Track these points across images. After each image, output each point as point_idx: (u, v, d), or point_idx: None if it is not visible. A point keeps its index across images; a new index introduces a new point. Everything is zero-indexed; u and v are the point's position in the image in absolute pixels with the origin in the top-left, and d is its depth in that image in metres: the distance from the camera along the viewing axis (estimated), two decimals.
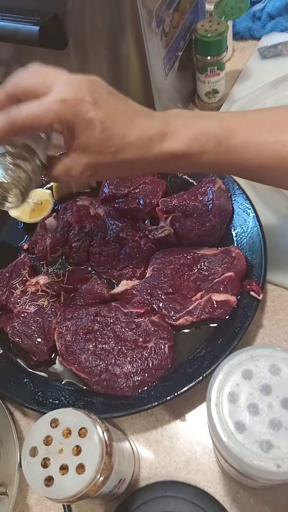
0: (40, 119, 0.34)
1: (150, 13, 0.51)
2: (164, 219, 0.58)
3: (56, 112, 0.34)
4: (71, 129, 0.36)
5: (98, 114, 0.35)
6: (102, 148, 0.36)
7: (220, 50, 0.62)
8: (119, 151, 0.37)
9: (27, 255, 0.59)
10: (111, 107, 0.36)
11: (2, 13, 0.54)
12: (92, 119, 0.35)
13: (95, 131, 0.35)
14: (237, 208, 0.57)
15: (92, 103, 0.35)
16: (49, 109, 0.34)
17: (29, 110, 0.35)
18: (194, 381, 0.44)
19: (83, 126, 0.35)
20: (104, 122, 0.35)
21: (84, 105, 0.35)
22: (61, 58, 0.58)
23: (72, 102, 0.34)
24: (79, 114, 0.35)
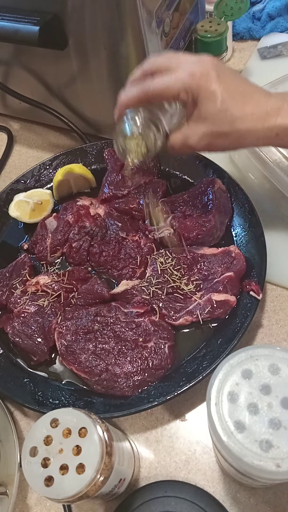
0: (170, 88, 0.41)
1: (150, 13, 0.51)
2: (164, 219, 0.58)
3: (184, 82, 0.40)
4: (195, 98, 0.41)
5: (220, 86, 0.40)
6: (220, 117, 0.41)
7: (220, 50, 0.62)
8: (235, 121, 0.41)
9: (27, 255, 0.59)
10: (231, 83, 0.41)
11: (2, 13, 0.54)
12: (215, 90, 0.40)
13: (216, 102, 0.40)
14: (237, 208, 0.57)
15: (216, 77, 0.40)
16: (178, 79, 0.40)
17: (162, 80, 0.41)
18: (194, 381, 0.45)
19: (206, 96, 0.40)
20: (224, 95, 0.40)
21: (209, 78, 0.40)
22: (61, 58, 0.58)
23: (199, 74, 0.40)
24: (204, 85, 0.40)
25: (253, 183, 0.60)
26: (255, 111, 0.41)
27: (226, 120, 0.41)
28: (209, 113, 0.41)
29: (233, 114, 0.41)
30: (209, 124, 0.41)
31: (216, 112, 0.41)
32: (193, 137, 0.43)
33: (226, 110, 0.40)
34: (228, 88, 0.40)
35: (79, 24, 0.53)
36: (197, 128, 0.42)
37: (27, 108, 0.69)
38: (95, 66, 0.58)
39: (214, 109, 0.40)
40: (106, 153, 0.64)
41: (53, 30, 0.53)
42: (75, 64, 0.59)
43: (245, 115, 0.41)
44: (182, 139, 0.43)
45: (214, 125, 0.41)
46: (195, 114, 0.42)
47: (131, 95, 0.43)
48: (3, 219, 0.63)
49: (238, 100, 0.41)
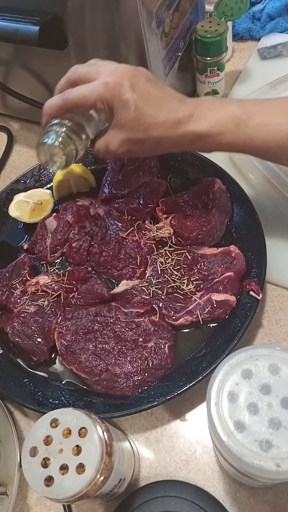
0: (87, 98, 0.42)
1: (150, 13, 0.51)
2: (164, 219, 0.58)
3: (99, 93, 0.42)
4: (110, 108, 0.42)
5: (133, 96, 0.41)
6: (135, 126, 0.42)
7: (220, 50, 0.62)
8: (149, 129, 0.42)
9: (27, 255, 0.59)
10: (146, 91, 0.42)
11: (2, 13, 0.54)
12: (128, 99, 0.41)
13: (130, 110, 0.42)
14: (237, 208, 0.57)
15: (129, 87, 0.41)
16: (94, 90, 0.42)
17: (79, 91, 0.43)
18: (194, 381, 0.45)
19: (120, 105, 0.42)
20: (137, 104, 0.41)
21: (122, 88, 0.41)
22: (61, 58, 0.58)
23: (113, 85, 0.41)
24: (117, 95, 0.41)
25: (253, 183, 0.60)
26: (167, 118, 0.42)
27: (140, 128, 0.42)
28: (124, 121, 0.42)
29: (146, 122, 0.42)
30: (126, 131, 0.43)
31: (130, 120, 0.42)
32: (113, 144, 0.44)
33: (139, 118, 0.42)
34: (141, 96, 0.42)
35: (79, 24, 0.53)
36: (116, 135, 0.44)
37: (27, 108, 0.69)
38: None
39: (128, 117, 0.42)
40: None
41: (53, 30, 0.53)
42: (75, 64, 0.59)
43: (158, 123, 0.42)
44: (104, 145, 0.45)
45: (130, 132, 0.43)
46: (113, 122, 0.43)
47: (53, 105, 0.44)
48: (3, 219, 0.63)
49: (151, 108, 0.42)
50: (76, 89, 0.43)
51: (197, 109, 0.42)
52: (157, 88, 0.43)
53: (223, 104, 0.43)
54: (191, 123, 0.42)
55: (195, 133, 0.42)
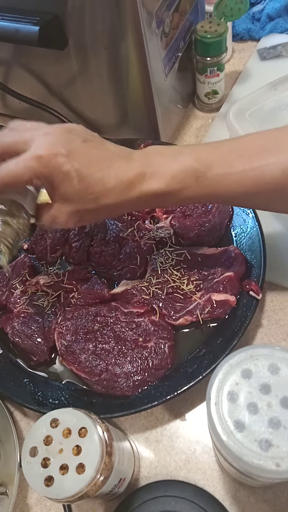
0: (19, 177, 0.36)
1: (150, 13, 0.51)
2: (164, 219, 0.58)
3: (33, 169, 0.35)
4: (50, 183, 0.37)
5: (73, 165, 0.36)
6: (82, 197, 0.37)
7: (220, 51, 0.62)
8: (99, 198, 0.37)
9: (27, 255, 0.59)
10: (86, 156, 0.37)
11: (2, 13, 0.54)
12: (68, 171, 0.36)
13: (73, 182, 0.36)
14: (237, 208, 0.57)
15: (66, 155, 0.36)
16: (26, 166, 0.35)
17: (8, 169, 0.36)
18: (193, 381, 0.45)
19: (61, 178, 0.36)
20: (80, 172, 0.36)
21: (59, 158, 0.35)
22: (61, 58, 0.58)
23: (47, 157, 0.35)
24: (54, 168, 0.36)
25: None
26: (118, 182, 0.37)
27: (89, 198, 0.37)
28: (69, 194, 0.37)
29: (95, 190, 0.37)
30: (72, 204, 0.38)
31: (75, 192, 0.37)
32: (60, 217, 0.39)
33: (86, 189, 0.37)
34: (83, 162, 0.36)
35: (79, 24, 0.53)
36: (62, 208, 0.38)
37: (27, 108, 0.69)
38: (95, 66, 0.58)
39: (72, 189, 0.37)
40: None
41: (53, 30, 0.53)
42: (75, 64, 0.59)
43: (108, 189, 0.37)
44: (51, 220, 0.40)
45: (78, 204, 0.38)
46: (56, 196, 0.38)
47: None
48: None
49: (97, 173, 0.37)
50: (5, 167, 0.36)
51: (148, 166, 0.38)
52: (97, 148, 0.38)
53: (174, 156, 0.39)
54: (145, 182, 0.38)
55: (151, 193, 0.38)
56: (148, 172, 0.38)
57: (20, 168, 0.36)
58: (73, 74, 0.61)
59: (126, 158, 0.38)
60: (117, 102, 0.62)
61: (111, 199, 0.38)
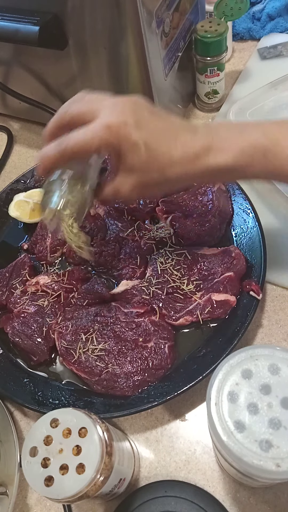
0: (88, 146, 0.36)
1: (150, 13, 0.51)
2: (164, 219, 0.58)
3: (102, 138, 0.36)
4: (117, 153, 0.37)
5: (141, 136, 0.36)
6: (148, 168, 0.37)
7: (220, 50, 0.62)
8: (165, 169, 0.37)
9: (27, 255, 0.59)
10: (153, 127, 0.37)
11: (2, 13, 0.54)
12: (136, 141, 0.36)
13: (140, 152, 0.36)
14: (237, 208, 0.57)
15: (135, 125, 0.36)
16: (95, 135, 0.36)
17: (77, 137, 0.36)
18: (194, 381, 0.45)
19: (128, 149, 0.36)
20: (148, 143, 0.36)
21: (128, 128, 0.36)
22: (61, 58, 0.58)
23: (116, 127, 0.35)
24: (123, 138, 0.36)
25: (253, 183, 0.60)
26: (183, 154, 0.37)
27: (154, 169, 0.37)
28: (135, 165, 0.37)
29: (161, 162, 0.37)
30: (137, 175, 0.38)
31: (142, 163, 0.37)
32: (124, 189, 0.39)
33: (152, 160, 0.37)
34: (150, 134, 0.36)
35: (79, 24, 0.53)
36: (126, 179, 0.39)
37: (27, 108, 0.69)
38: (95, 66, 0.58)
39: (139, 160, 0.37)
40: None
41: (53, 30, 0.53)
42: (75, 64, 0.59)
43: (173, 161, 0.37)
44: (113, 192, 0.40)
45: (143, 176, 0.38)
46: (121, 166, 0.38)
47: (49, 157, 0.38)
48: (3, 219, 0.63)
49: (163, 145, 0.37)
50: (74, 135, 0.37)
51: (214, 139, 0.37)
52: (164, 120, 0.38)
53: (241, 130, 0.38)
54: (211, 156, 0.37)
55: (217, 167, 0.37)
56: (215, 145, 0.37)
57: (89, 137, 0.36)
58: (73, 74, 0.61)
59: (192, 131, 0.38)
60: None
61: (176, 171, 0.37)
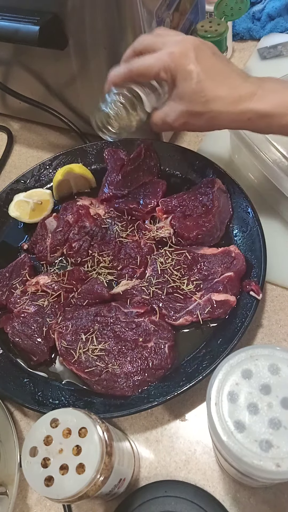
0: (151, 67, 0.43)
1: (150, 13, 0.51)
2: (164, 219, 0.58)
3: (164, 62, 0.42)
4: (173, 78, 0.43)
5: (197, 67, 0.41)
6: (194, 98, 0.42)
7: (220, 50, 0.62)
8: (208, 102, 0.42)
9: (27, 255, 0.59)
10: (209, 64, 0.42)
11: (2, 13, 0.54)
12: (191, 71, 0.41)
13: (192, 82, 0.42)
14: (237, 208, 0.57)
15: (194, 58, 0.42)
16: (159, 59, 0.42)
17: (144, 60, 0.44)
18: (194, 381, 0.45)
19: (183, 76, 0.42)
20: (200, 75, 0.41)
21: (187, 58, 0.42)
22: (61, 58, 0.58)
23: (178, 54, 0.42)
24: (181, 65, 0.42)
25: (253, 183, 0.60)
26: (228, 94, 0.42)
27: (200, 100, 0.42)
28: (185, 92, 0.42)
29: (207, 95, 0.42)
30: (185, 103, 0.43)
31: (191, 92, 0.42)
32: (171, 115, 0.45)
33: (200, 91, 0.42)
34: (205, 69, 0.42)
35: (79, 24, 0.53)
36: (175, 106, 0.44)
37: (27, 108, 0.69)
38: (95, 66, 0.58)
39: (189, 89, 0.42)
40: (106, 153, 0.64)
41: (53, 30, 0.53)
42: (75, 64, 0.59)
43: (218, 97, 0.42)
44: (162, 117, 0.45)
45: (189, 104, 0.43)
46: (174, 93, 0.44)
47: (117, 73, 0.45)
48: (3, 219, 0.63)
49: (213, 81, 0.42)
50: (142, 58, 0.44)
51: (260, 88, 0.42)
52: (222, 62, 0.44)
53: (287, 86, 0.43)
54: (253, 101, 0.42)
55: (256, 112, 0.42)
56: (259, 93, 0.42)
57: (153, 60, 0.43)
58: (73, 74, 0.61)
59: (243, 78, 0.43)
60: None
61: (218, 106, 0.42)
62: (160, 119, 0.46)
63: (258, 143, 0.54)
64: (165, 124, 0.46)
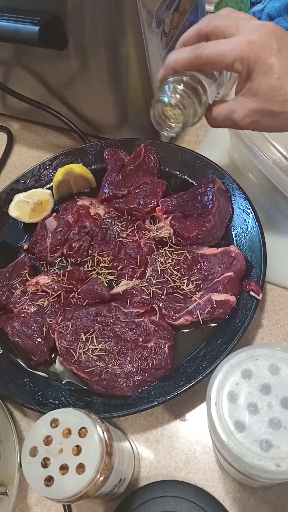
0: (225, 56, 0.37)
1: (150, 13, 0.51)
2: (164, 219, 0.58)
3: (241, 51, 0.36)
4: (250, 70, 0.37)
5: (279, 61, 0.36)
6: (273, 95, 0.37)
7: None
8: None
9: (27, 255, 0.59)
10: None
11: (2, 13, 0.54)
12: (273, 64, 0.36)
13: (272, 77, 0.36)
14: (237, 208, 0.57)
15: (277, 49, 0.36)
16: (235, 47, 0.37)
17: (217, 46, 0.37)
18: (194, 381, 0.45)
19: (262, 69, 0.36)
20: (283, 70, 0.36)
21: (269, 49, 0.36)
22: (61, 58, 0.58)
23: (259, 44, 0.36)
24: (262, 57, 0.36)
25: (253, 183, 0.60)
26: None
27: (279, 98, 0.37)
28: (262, 88, 0.37)
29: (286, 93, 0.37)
30: (259, 100, 0.38)
31: (270, 88, 0.37)
32: (239, 112, 0.39)
33: (281, 88, 0.37)
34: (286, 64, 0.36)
35: (79, 24, 0.53)
36: (246, 103, 0.39)
37: (27, 108, 0.69)
38: (95, 66, 0.58)
39: (268, 84, 0.37)
40: (106, 153, 0.64)
41: (53, 30, 0.53)
42: (75, 64, 0.59)
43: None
44: (226, 113, 0.40)
45: (265, 102, 0.38)
46: (246, 88, 0.38)
47: (180, 58, 0.39)
48: (3, 219, 0.63)
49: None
50: (214, 43, 0.38)
51: None
52: None
53: None
54: None
55: None
56: None
57: (229, 48, 0.37)
58: (73, 74, 0.61)
59: None
60: (117, 102, 0.62)
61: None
62: (224, 115, 0.40)
63: (258, 143, 0.54)
64: (229, 120, 0.40)
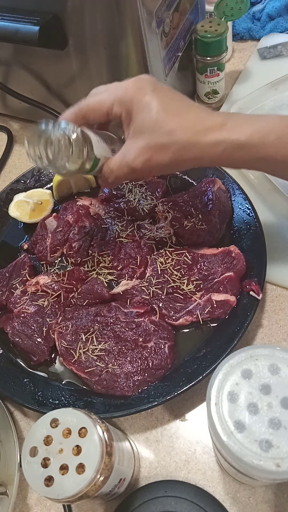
0: (103, 102, 0.39)
1: (150, 13, 0.51)
2: (164, 219, 0.58)
3: (118, 96, 0.39)
4: (129, 111, 0.39)
5: (154, 98, 0.38)
6: (157, 128, 0.38)
7: (220, 50, 0.62)
8: (173, 131, 0.37)
9: (27, 255, 0.59)
10: (170, 96, 0.39)
11: (2, 13, 0.54)
12: (149, 101, 0.38)
13: (151, 112, 0.38)
14: (237, 208, 0.57)
15: (151, 90, 0.38)
16: (112, 94, 0.39)
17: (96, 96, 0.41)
18: (194, 381, 0.45)
19: (140, 107, 0.38)
20: (160, 105, 0.38)
21: (144, 91, 0.38)
22: (61, 58, 0.58)
23: (134, 88, 0.38)
24: (138, 96, 0.38)
25: (253, 183, 0.60)
26: (194, 123, 0.38)
27: (164, 130, 0.37)
28: (145, 124, 0.38)
29: (170, 124, 0.37)
30: (146, 136, 0.38)
31: (152, 122, 0.37)
32: (130, 153, 0.39)
33: (162, 120, 0.37)
34: (163, 100, 0.38)
35: (79, 24, 0.53)
36: (135, 143, 0.39)
37: (27, 108, 0.69)
38: (95, 66, 0.58)
39: (149, 119, 0.37)
40: None
41: (53, 30, 0.53)
42: (75, 64, 0.59)
43: (183, 127, 0.37)
44: (119, 158, 0.40)
45: (151, 136, 0.38)
46: (131, 130, 0.39)
47: (67, 113, 0.41)
48: (3, 219, 0.63)
49: (174, 112, 0.38)
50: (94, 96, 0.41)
51: (229, 119, 0.38)
52: (180, 96, 0.40)
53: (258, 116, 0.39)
54: (225, 131, 0.37)
55: (230, 142, 0.37)
56: (229, 123, 0.38)
57: (106, 95, 0.39)
58: (73, 74, 0.61)
59: (207, 111, 0.39)
60: None
61: (185, 135, 0.37)
62: (117, 162, 0.40)
63: None
64: (124, 166, 0.40)
